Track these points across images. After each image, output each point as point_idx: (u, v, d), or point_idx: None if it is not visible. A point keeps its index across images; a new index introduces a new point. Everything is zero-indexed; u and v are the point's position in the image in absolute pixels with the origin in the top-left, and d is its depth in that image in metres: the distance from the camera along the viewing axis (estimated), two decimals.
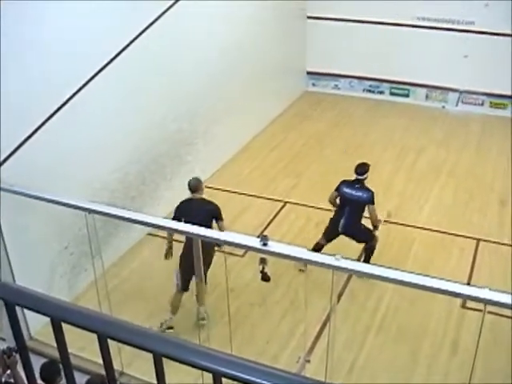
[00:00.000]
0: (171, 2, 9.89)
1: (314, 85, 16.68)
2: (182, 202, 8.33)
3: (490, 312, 5.94)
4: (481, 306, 5.23)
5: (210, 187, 11.38)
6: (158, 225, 6.82)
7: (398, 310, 8.66)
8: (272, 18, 13.76)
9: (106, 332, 2.19)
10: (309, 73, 16.61)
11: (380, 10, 14.97)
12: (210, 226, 7.76)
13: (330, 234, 9.26)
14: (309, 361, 7.35)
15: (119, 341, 2.18)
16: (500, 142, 13.61)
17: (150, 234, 10.12)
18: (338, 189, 9.12)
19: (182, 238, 8.03)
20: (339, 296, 8.66)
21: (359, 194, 8.97)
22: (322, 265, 5.55)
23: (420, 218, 10.74)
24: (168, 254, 8.39)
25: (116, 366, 2.43)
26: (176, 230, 6.84)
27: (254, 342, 8.11)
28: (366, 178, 9.13)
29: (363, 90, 16.24)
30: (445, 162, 12.71)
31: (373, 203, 8.97)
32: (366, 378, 7.54)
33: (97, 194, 8.60)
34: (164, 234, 8.65)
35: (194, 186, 8.32)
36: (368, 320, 8.54)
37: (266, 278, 8.61)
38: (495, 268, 9.45)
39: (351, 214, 9.03)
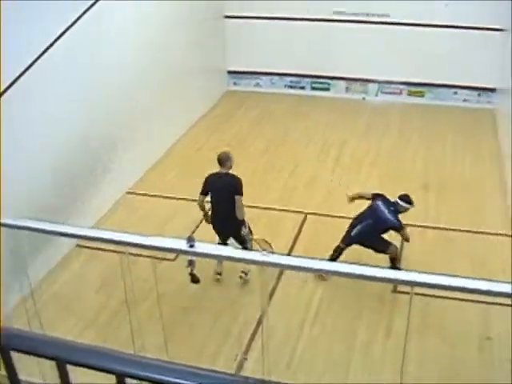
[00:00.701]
0: (86, 7, 9.78)
1: (235, 84, 16.72)
2: (209, 176, 8.88)
3: (420, 294, 6.10)
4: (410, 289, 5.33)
5: (134, 193, 11.32)
6: (86, 236, 6.73)
7: (332, 301, 8.75)
8: (189, 20, 13.73)
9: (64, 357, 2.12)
10: (230, 72, 16.64)
11: (297, 6, 15.11)
12: (233, 199, 8.45)
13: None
14: (246, 358, 7.37)
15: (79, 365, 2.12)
16: (419, 128, 13.95)
17: (79, 246, 9.97)
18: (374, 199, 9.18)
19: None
20: (272, 292, 8.74)
21: (388, 216, 8.91)
22: (250, 262, 5.57)
23: (348, 210, 10.82)
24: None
25: None
26: (109, 241, 6.70)
27: (191, 345, 8.07)
28: (406, 209, 9.04)
29: (285, 86, 16.36)
30: (367, 152, 12.92)
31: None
32: (304, 371, 7.60)
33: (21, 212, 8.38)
34: (93, 244, 8.57)
35: (223, 159, 8.86)
36: (303, 313, 8.59)
37: (195, 279, 8.61)
38: (422, 251, 9.65)
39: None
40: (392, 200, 9.07)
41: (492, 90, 14.76)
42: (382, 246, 9.06)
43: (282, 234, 10.19)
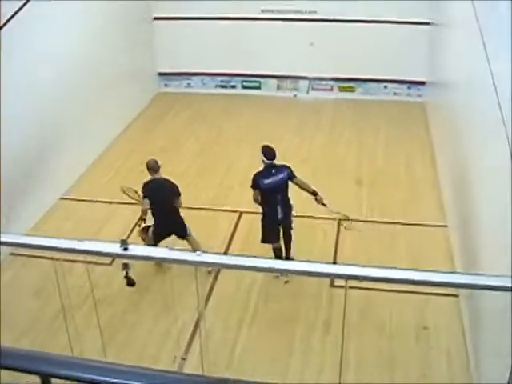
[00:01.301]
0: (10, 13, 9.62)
1: (166, 85, 16.64)
2: (148, 183, 9.06)
3: (355, 287, 6.19)
4: (349, 283, 5.37)
5: (68, 198, 11.16)
6: (19, 243, 6.59)
7: (269, 299, 8.81)
8: (117, 22, 13.62)
9: None
10: (160, 74, 16.56)
11: (224, 6, 15.13)
12: (177, 200, 9.07)
13: (273, 230, 9.09)
14: (185, 359, 7.37)
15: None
16: (351, 123, 14.15)
17: (12, 254, 9.79)
18: (256, 185, 8.83)
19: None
20: (209, 292, 8.75)
21: (281, 175, 8.80)
22: (185, 262, 5.55)
23: None
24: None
25: None
26: (43, 247, 6.59)
27: (131, 348, 8.03)
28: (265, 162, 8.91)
29: (216, 86, 16.37)
30: (300, 148, 13.03)
31: (295, 176, 8.92)
32: (244, 369, 7.62)
33: None
34: (27, 252, 8.44)
35: (154, 166, 9.14)
36: (240, 312, 8.63)
37: (130, 282, 8.59)
38: (358, 245, 9.79)
39: (284, 198, 8.93)
40: (262, 168, 8.98)
41: (421, 83, 15.03)
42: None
43: (218, 233, 10.21)
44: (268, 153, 8.87)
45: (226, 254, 9.27)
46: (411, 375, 7.42)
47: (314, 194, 9.09)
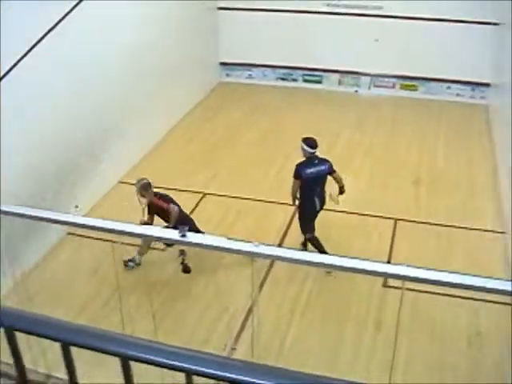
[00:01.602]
0: (75, 2, 9.74)
1: (227, 75, 16.71)
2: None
3: (411, 289, 6.12)
4: (401, 284, 5.33)
5: (126, 182, 11.29)
6: (78, 223, 6.71)
7: (322, 293, 8.79)
8: (181, 11, 13.68)
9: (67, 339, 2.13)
10: (222, 64, 16.61)
11: None
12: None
13: (310, 220, 9.23)
14: (235, 348, 7.40)
15: (82, 346, 2.13)
16: (412, 122, 13.99)
17: (70, 234, 9.98)
18: (298, 175, 8.92)
19: None
20: (262, 282, 8.76)
21: (322, 167, 8.94)
22: (241, 252, 5.57)
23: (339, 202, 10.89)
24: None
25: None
26: (101, 229, 6.69)
27: (180, 334, 8.09)
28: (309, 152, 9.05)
29: (277, 79, 16.37)
30: (359, 145, 12.96)
31: (334, 170, 9.08)
32: (293, 361, 7.62)
33: (12, 196, 8.38)
34: (83, 232, 8.59)
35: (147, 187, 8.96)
36: (292, 304, 8.63)
37: (186, 269, 8.66)
38: (413, 245, 9.69)
39: (321, 191, 9.08)
40: (305, 158, 9.08)
41: (486, 85, 14.75)
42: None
43: (273, 225, 10.21)
44: (310, 143, 9.01)
45: (280, 246, 9.28)
46: (461, 380, 7.32)
47: (342, 191, 9.23)
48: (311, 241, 9.23)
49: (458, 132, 13.46)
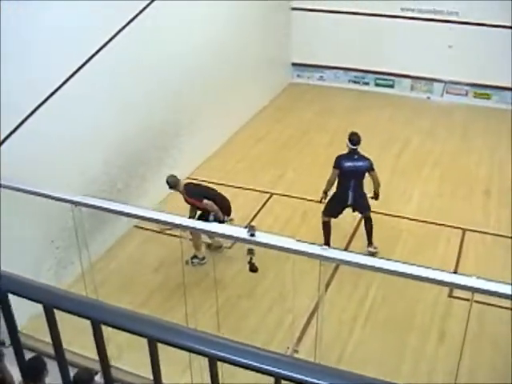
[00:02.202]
0: (148, 1, 9.90)
1: (298, 76, 16.71)
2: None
3: (476, 301, 6.00)
4: (467, 295, 5.26)
5: (194, 179, 11.40)
6: (145, 217, 6.81)
7: (386, 300, 8.71)
8: (255, 11, 13.77)
9: (99, 318, 2.20)
10: (294, 64, 16.63)
11: (365, 1, 15.02)
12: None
13: (337, 209, 9.45)
14: (297, 351, 7.38)
15: (113, 326, 2.18)
16: (484, 132, 13.72)
17: (136, 227, 10.13)
18: (338, 165, 9.21)
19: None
20: (327, 286, 8.72)
21: (360, 163, 9.18)
22: (309, 255, 5.58)
23: (407, 209, 10.80)
24: None
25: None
26: (169, 223, 6.76)
27: (242, 333, 8.11)
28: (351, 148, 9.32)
29: (348, 81, 16.30)
30: (430, 152, 12.79)
31: (373, 169, 9.23)
32: (354, 367, 7.55)
33: (83, 187, 8.58)
34: (150, 225, 8.71)
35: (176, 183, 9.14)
36: (356, 309, 8.60)
37: (253, 268, 8.66)
38: (481, 257, 9.53)
39: (358, 185, 9.26)
40: (347, 151, 9.36)
41: None
42: (368, 206, 9.45)
43: (338, 228, 10.16)
44: (353, 139, 9.28)
45: (346, 250, 9.24)
46: None
47: (376, 194, 9.47)
48: (324, 225, 9.50)
49: None
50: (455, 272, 8.95)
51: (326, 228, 9.48)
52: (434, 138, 13.42)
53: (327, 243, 9.21)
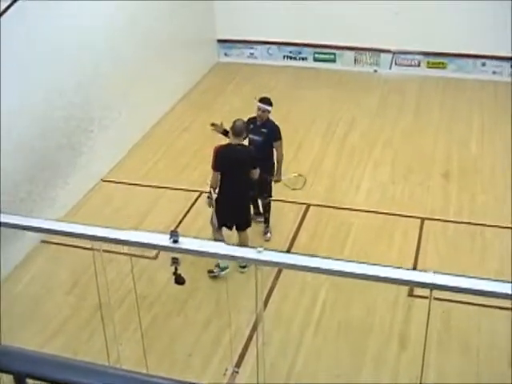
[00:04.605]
0: None
1: (226, 55, 16.67)
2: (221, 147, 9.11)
3: (439, 299, 6.06)
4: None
5: (111, 181, 11.28)
6: (53, 230, 6.66)
7: (338, 303, 8.74)
8: None
9: None
10: (220, 41, 16.58)
11: None
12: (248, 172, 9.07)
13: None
14: (237, 372, 7.36)
15: None
16: (440, 106, 13.89)
17: (44, 242, 9.94)
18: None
19: None
20: (269, 293, 8.73)
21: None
22: (243, 259, 5.54)
23: (356, 199, 10.87)
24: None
25: None
26: (81, 235, 6.64)
27: (174, 356, 8.06)
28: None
29: (284, 58, 16.30)
30: (380, 133, 12.91)
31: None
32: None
33: None
34: (60, 240, 8.55)
35: (239, 129, 9.00)
36: (304, 318, 8.58)
37: (179, 280, 8.52)
38: (442, 249, 9.65)
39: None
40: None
41: None
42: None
43: (282, 228, 10.20)
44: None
45: (289, 251, 9.25)
46: None
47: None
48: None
49: (494, 116, 13.35)
50: (414, 268, 9.05)
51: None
52: (384, 117, 13.55)
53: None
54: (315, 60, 16.11)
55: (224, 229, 9.21)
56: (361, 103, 14.16)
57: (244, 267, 8.99)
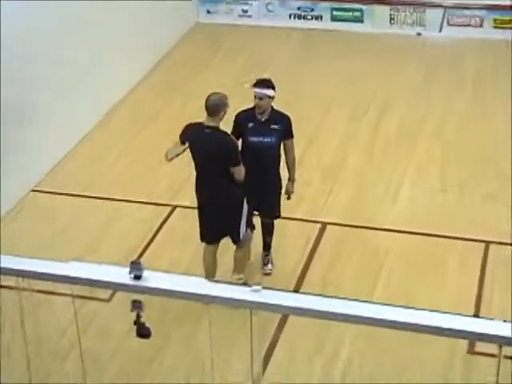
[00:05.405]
0: None
1: (209, 12, 16.75)
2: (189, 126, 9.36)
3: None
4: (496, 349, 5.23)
5: (47, 192, 11.24)
6: None
7: (366, 365, 8.69)
8: None
9: None
10: None
11: None
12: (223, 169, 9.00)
13: None
14: None
15: None
16: (508, 84, 13.85)
17: None
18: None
19: None
20: (272, 346, 8.69)
21: None
22: (234, 302, 5.50)
23: (392, 215, 10.84)
24: None
25: None
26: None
27: None
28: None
29: (289, 17, 16.38)
30: (424, 120, 12.94)
31: None
32: None
33: None
34: None
35: (214, 106, 8.98)
36: (321, 376, 8.54)
37: (143, 332, 8.49)
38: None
39: None
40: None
41: None
42: None
43: (291, 253, 10.16)
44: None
45: (297, 290, 9.21)
46: None
47: None
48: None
49: None
50: (476, 314, 9.02)
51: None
52: (431, 98, 13.60)
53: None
54: (334, 19, 16.22)
55: None
56: (398, 79, 14.22)
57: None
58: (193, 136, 8.99)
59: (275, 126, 9.31)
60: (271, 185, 9.46)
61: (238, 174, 8.87)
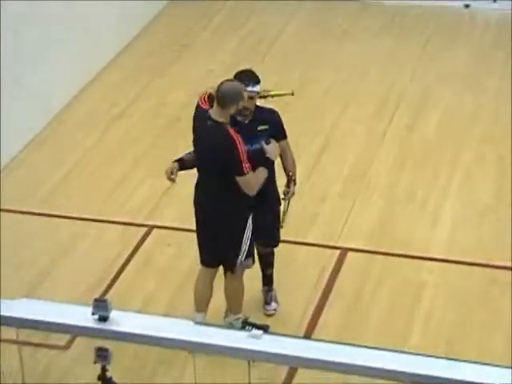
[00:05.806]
0: None
1: None
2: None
3: None
4: None
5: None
6: None
7: None
8: None
9: None
10: None
11: None
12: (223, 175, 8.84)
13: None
14: None
15: None
16: None
17: None
18: None
19: None
20: None
21: None
22: (225, 351, 5.53)
23: (432, 240, 10.86)
24: None
25: None
26: None
27: None
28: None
29: None
30: (474, 118, 12.97)
31: None
32: None
33: None
34: None
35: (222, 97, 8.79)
36: None
37: None
38: None
39: None
40: None
41: None
42: None
43: (301, 288, 10.19)
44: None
45: (308, 336, 9.24)
46: None
47: None
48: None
49: None
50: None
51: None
52: (482, 88, 13.64)
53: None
54: None
55: None
56: (440, 63, 14.27)
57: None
58: (198, 120, 8.91)
59: (263, 127, 9.13)
60: (268, 205, 9.38)
61: (245, 185, 8.65)
